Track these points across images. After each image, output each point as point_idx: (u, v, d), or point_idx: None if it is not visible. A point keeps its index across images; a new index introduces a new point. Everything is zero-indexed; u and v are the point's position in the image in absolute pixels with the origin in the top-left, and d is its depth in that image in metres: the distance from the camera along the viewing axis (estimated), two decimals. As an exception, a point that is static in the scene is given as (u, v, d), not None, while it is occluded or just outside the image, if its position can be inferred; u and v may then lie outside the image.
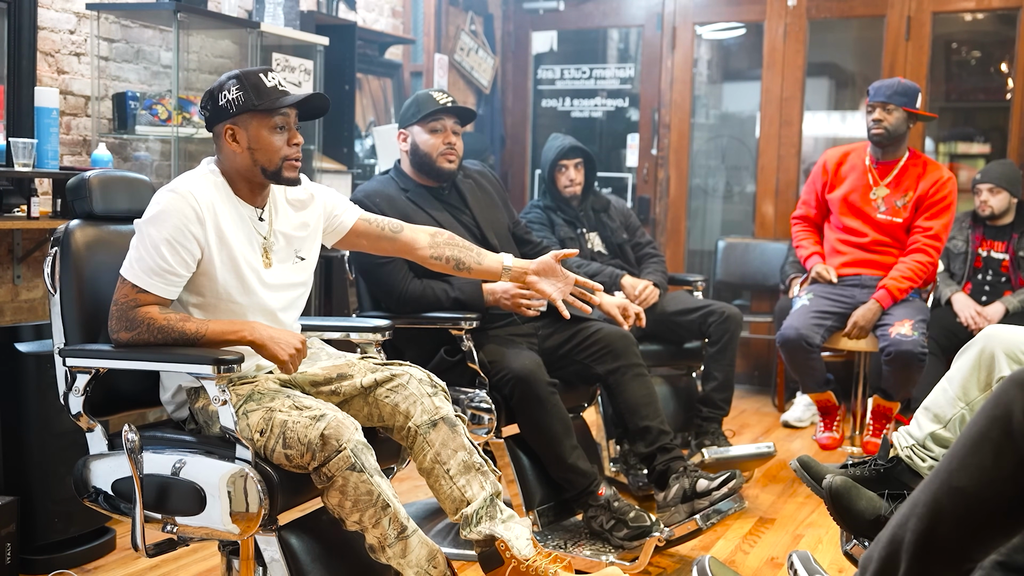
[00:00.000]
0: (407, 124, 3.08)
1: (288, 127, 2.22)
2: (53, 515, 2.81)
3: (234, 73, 2.20)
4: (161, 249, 2.10)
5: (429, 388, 2.31)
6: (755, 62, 5.72)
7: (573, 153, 3.81)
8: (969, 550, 1.35)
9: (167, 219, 2.11)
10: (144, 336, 2.10)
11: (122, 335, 2.11)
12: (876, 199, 4.07)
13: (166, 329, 2.10)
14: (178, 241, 2.11)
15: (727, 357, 3.67)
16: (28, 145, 3.04)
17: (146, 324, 2.09)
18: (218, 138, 2.22)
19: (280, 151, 2.20)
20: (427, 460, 2.27)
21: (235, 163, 2.22)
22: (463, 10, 5.69)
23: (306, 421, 2.05)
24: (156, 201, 2.15)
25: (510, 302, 2.94)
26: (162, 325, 2.10)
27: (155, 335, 2.10)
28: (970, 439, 1.34)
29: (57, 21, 3.44)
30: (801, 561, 2.15)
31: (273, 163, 2.20)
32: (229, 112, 2.18)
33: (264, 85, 2.18)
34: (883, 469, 2.39)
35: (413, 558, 2.09)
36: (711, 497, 2.91)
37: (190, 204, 2.13)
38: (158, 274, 2.11)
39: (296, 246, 2.34)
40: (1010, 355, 2.29)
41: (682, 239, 5.83)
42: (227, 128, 2.20)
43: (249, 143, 2.19)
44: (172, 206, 2.12)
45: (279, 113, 2.19)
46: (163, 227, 2.11)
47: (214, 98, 2.20)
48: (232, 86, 2.18)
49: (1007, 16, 5.37)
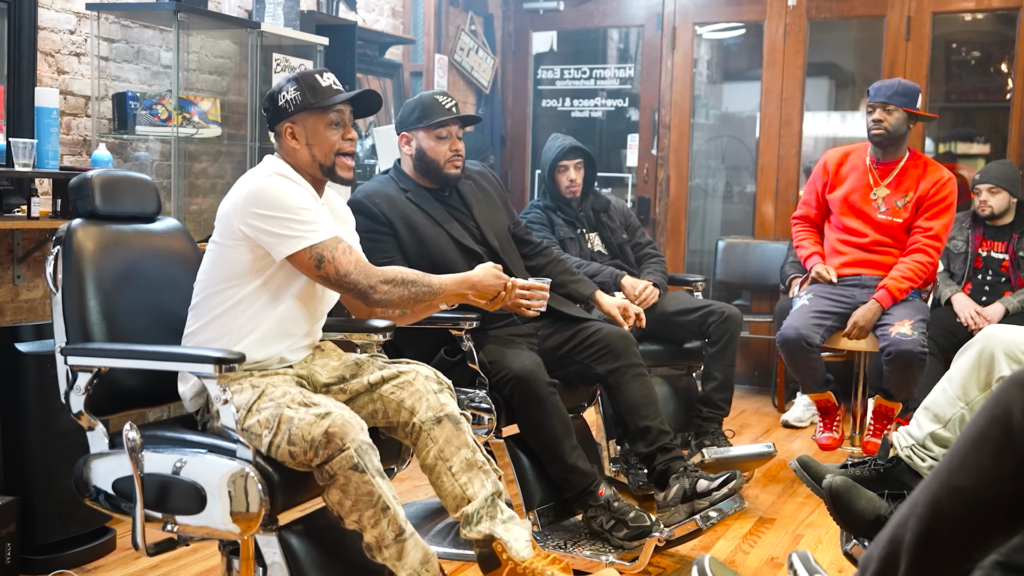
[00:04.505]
0: (411, 127, 3.06)
1: (343, 123, 2.37)
2: (53, 515, 2.81)
3: (292, 75, 2.36)
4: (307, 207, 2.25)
5: (435, 385, 2.33)
6: (755, 62, 5.72)
7: (573, 153, 3.81)
8: (969, 550, 1.35)
9: (289, 192, 2.25)
10: (399, 287, 2.34)
11: (380, 288, 2.31)
12: (876, 199, 4.07)
13: (418, 281, 2.38)
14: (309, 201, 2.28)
15: (727, 357, 3.67)
16: (28, 145, 3.04)
17: (400, 275, 2.35)
18: (279, 137, 2.37)
19: (335, 145, 2.35)
20: (430, 456, 2.28)
21: (296, 159, 2.36)
22: (463, 10, 5.69)
23: (311, 418, 2.06)
24: (265, 185, 2.25)
25: (510, 302, 2.94)
26: (414, 278, 2.38)
27: (409, 287, 2.35)
28: (970, 439, 1.34)
29: (57, 21, 3.44)
30: (801, 561, 2.15)
31: (328, 157, 2.35)
32: (288, 111, 2.34)
33: (320, 84, 2.34)
34: (883, 469, 2.39)
35: (408, 561, 2.09)
36: (711, 497, 2.91)
37: (295, 182, 2.29)
38: (323, 223, 2.27)
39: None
40: (1010, 355, 2.29)
41: (682, 239, 5.83)
42: (287, 127, 2.35)
43: (308, 139, 2.34)
44: (283, 185, 2.27)
45: (334, 110, 2.34)
46: (289, 194, 2.24)
47: (274, 100, 2.36)
48: (290, 87, 2.34)
49: (1007, 16, 5.37)
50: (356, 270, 2.28)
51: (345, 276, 2.27)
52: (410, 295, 2.37)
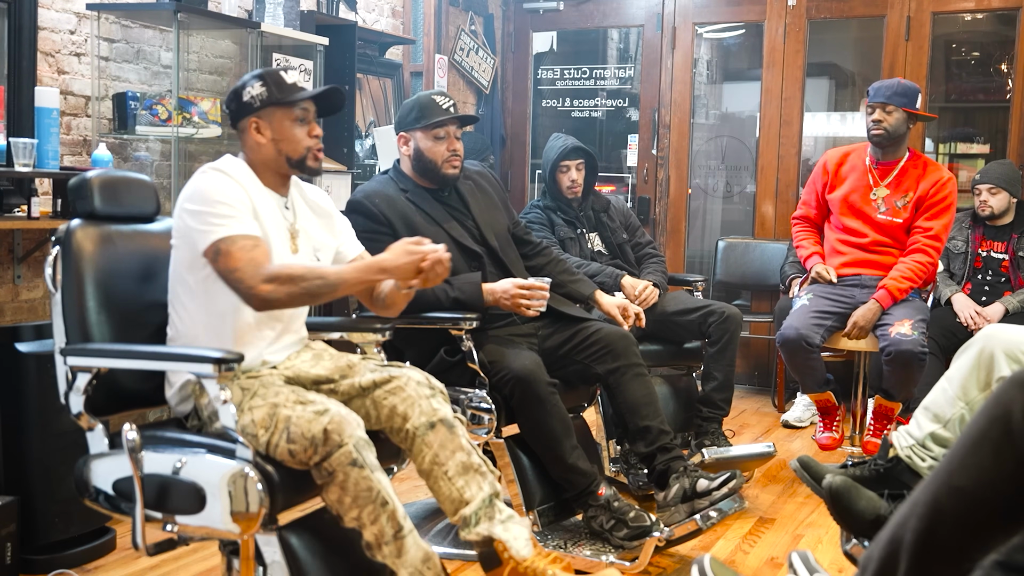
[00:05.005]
0: (409, 128, 3.06)
1: (308, 120, 2.34)
2: (53, 515, 2.81)
3: (256, 72, 2.34)
4: (229, 203, 2.19)
5: (427, 390, 2.31)
6: (755, 62, 5.72)
7: (575, 154, 3.80)
8: (969, 550, 1.35)
9: (217, 184, 2.22)
10: (286, 285, 2.14)
11: (263, 287, 2.13)
12: (876, 199, 4.07)
13: (307, 276, 2.16)
14: (237, 199, 2.21)
15: (727, 357, 3.67)
16: (28, 145, 3.04)
17: (286, 272, 2.16)
18: (243, 132, 2.34)
19: (303, 141, 2.33)
20: (426, 462, 2.27)
21: (260, 154, 2.33)
22: (463, 10, 5.69)
23: (309, 416, 2.06)
24: (196, 180, 2.23)
25: (510, 302, 2.94)
26: (302, 273, 2.17)
27: (298, 283, 2.15)
28: (970, 439, 1.34)
29: (57, 21, 3.44)
30: (801, 561, 2.15)
31: (298, 152, 2.32)
32: (254, 107, 2.31)
33: (285, 81, 2.34)
34: (883, 469, 2.39)
35: (408, 559, 2.09)
36: (711, 497, 2.91)
37: (230, 176, 2.24)
38: (238, 218, 2.18)
39: (315, 245, 2.43)
40: (1010, 355, 2.29)
41: (682, 239, 5.83)
42: (252, 122, 2.32)
43: (273, 135, 2.32)
44: (213, 178, 2.23)
45: (300, 106, 2.32)
46: (218, 190, 2.20)
47: (238, 96, 2.33)
48: (256, 83, 2.32)
49: (1007, 16, 5.37)
50: (244, 267, 2.13)
51: (232, 272, 2.14)
52: (301, 291, 2.16)
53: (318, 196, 2.51)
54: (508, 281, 2.95)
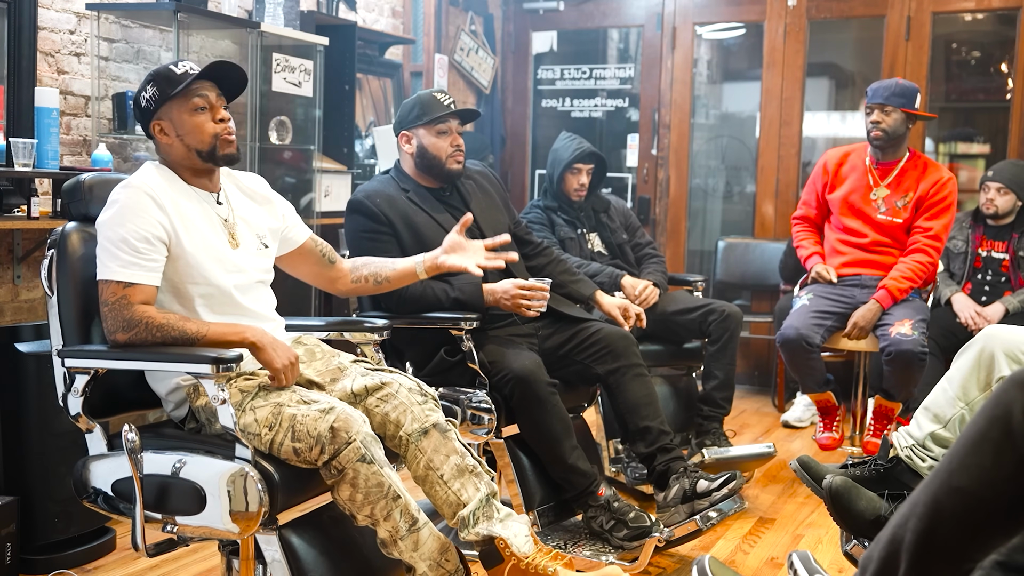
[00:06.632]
0: (410, 126, 3.06)
1: (209, 106, 2.25)
2: (53, 515, 2.81)
3: (148, 75, 2.27)
4: (130, 240, 2.11)
5: (419, 396, 2.31)
6: (755, 62, 5.72)
7: (590, 158, 3.79)
8: (969, 550, 1.35)
9: (127, 212, 2.14)
10: (143, 335, 2.09)
11: (119, 336, 2.10)
12: (876, 200, 4.07)
13: (165, 328, 2.10)
14: (144, 229, 2.13)
15: (727, 356, 3.67)
16: (28, 145, 3.04)
17: (144, 323, 2.09)
18: (154, 139, 2.28)
19: (207, 129, 2.24)
20: (420, 467, 2.27)
21: (173, 155, 2.27)
22: (463, 10, 5.69)
23: (315, 414, 2.06)
24: (113, 199, 2.17)
25: (510, 302, 2.93)
26: (161, 323, 2.10)
27: (154, 334, 2.09)
28: (970, 439, 1.34)
29: (57, 21, 3.44)
30: (801, 561, 2.15)
31: (205, 143, 2.24)
32: (151, 110, 2.25)
33: (174, 74, 2.23)
34: (883, 469, 2.39)
35: (425, 551, 2.09)
36: (711, 497, 2.91)
37: (146, 193, 2.17)
38: (136, 264, 2.11)
39: (259, 233, 2.38)
40: (1010, 355, 2.29)
41: (682, 239, 5.83)
42: (155, 125, 2.26)
43: (177, 131, 2.24)
44: (129, 199, 2.15)
45: (195, 94, 2.23)
46: (125, 220, 2.13)
47: (137, 103, 2.28)
48: (148, 87, 2.25)
49: (1007, 16, 5.37)
50: (108, 313, 2.10)
51: (103, 311, 2.12)
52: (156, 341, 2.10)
53: (254, 183, 2.45)
54: (508, 281, 2.95)
